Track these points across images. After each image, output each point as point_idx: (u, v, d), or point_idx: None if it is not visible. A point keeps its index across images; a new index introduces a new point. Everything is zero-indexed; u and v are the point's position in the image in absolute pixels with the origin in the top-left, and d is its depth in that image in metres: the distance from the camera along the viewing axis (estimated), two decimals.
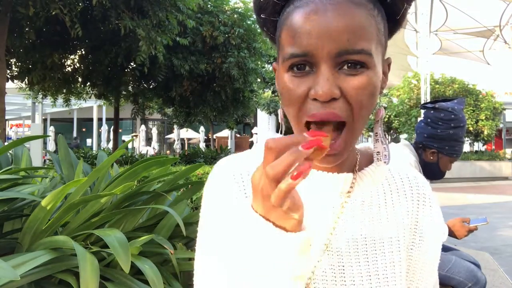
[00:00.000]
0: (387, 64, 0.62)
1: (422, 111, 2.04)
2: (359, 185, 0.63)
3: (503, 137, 25.15)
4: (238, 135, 22.77)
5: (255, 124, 21.91)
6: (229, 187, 0.62)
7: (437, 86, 17.29)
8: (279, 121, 0.63)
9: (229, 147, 16.15)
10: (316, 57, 0.52)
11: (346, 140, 0.54)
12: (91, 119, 22.79)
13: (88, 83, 8.51)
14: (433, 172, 1.94)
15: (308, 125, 0.54)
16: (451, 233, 1.99)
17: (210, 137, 19.64)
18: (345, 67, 0.52)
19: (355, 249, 0.61)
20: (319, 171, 0.62)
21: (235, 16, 9.29)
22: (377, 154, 0.64)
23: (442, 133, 1.87)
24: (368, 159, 0.67)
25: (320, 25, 0.51)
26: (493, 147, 21.72)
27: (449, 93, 17.29)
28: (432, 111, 1.92)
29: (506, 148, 22.84)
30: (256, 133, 20.38)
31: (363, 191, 0.63)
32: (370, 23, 0.53)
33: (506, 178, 16.52)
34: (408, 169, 0.70)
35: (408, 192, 0.67)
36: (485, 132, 16.94)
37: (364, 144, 0.72)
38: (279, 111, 0.62)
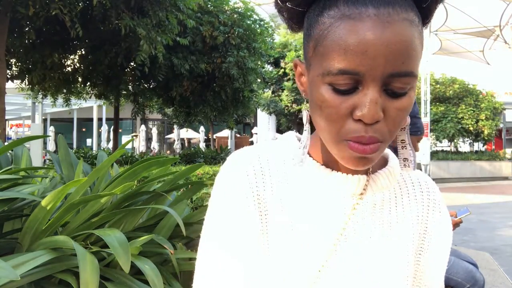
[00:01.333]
0: None
1: None
2: (372, 188, 0.63)
3: (503, 137, 25.16)
4: (238, 135, 22.78)
5: (255, 124, 21.91)
6: (242, 188, 0.60)
7: (438, 86, 17.29)
8: (304, 124, 0.61)
9: (229, 147, 16.16)
10: (366, 77, 0.49)
11: (380, 152, 0.54)
12: (91, 119, 22.79)
13: (88, 83, 8.52)
14: None
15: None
16: None
17: (210, 137, 19.64)
18: (391, 89, 0.50)
19: (364, 251, 0.61)
20: (333, 171, 0.61)
21: (235, 16, 9.30)
22: (404, 161, 0.63)
23: None
24: (382, 161, 0.67)
25: (377, 46, 0.47)
26: (493, 147, 21.71)
27: (450, 93, 17.29)
28: None
29: (506, 148, 22.84)
30: (256, 133, 20.38)
31: (375, 194, 0.63)
32: (420, 42, 0.51)
33: (506, 178, 16.53)
34: (419, 174, 0.70)
35: (419, 197, 0.67)
36: (485, 132, 16.94)
37: None
38: (304, 115, 0.60)
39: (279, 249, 0.59)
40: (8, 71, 6.94)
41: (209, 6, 9.22)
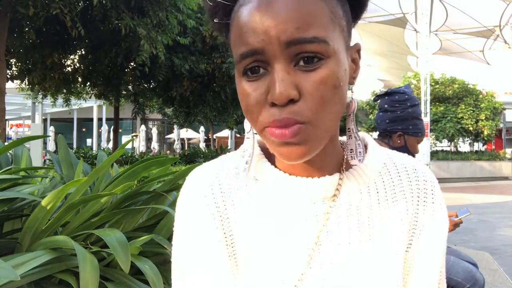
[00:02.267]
0: (355, 50, 0.56)
1: (378, 102, 2.08)
2: (346, 187, 0.57)
3: (503, 137, 25.16)
4: (238, 135, 22.79)
5: None
6: (201, 213, 0.58)
7: (437, 86, 17.29)
8: (246, 132, 0.59)
9: (229, 147, 16.16)
10: (266, 54, 0.47)
11: (308, 136, 0.48)
12: (91, 119, 22.83)
13: (88, 83, 8.52)
14: None
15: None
16: None
17: (210, 137, 19.65)
18: (301, 62, 0.47)
19: (342, 260, 0.55)
20: (297, 177, 0.56)
21: None
22: (351, 152, 0.57)
23: (403, 113, 1.94)
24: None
25: (265, 19, 0.46)
26: (493, 147, 21.72)
27: (449, 93, 17.30)
28: (386, 97, 2.01)
29: (506, 148, 22.85)
30: (256, 133, 20.36)
31: (350, 193, 0.57)
32: (320, 7, 0.47)
33: (506, 178, 16.55)
34: (408, 161, 0.62)
35: (407, 188, 0.59)
36: (485, 132, 16.94)
37: (359, 134, 0.64)
38: (246, 121, 0.57)
39: (249, 271, 0.56)
40: (8, 71, 6.94)
41: None
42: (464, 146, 19.85)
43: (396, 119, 1.96)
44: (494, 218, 7.18)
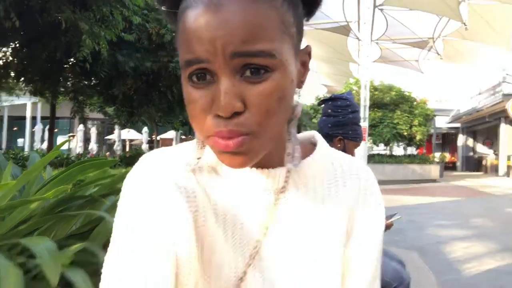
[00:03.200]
0: (305, 53, 0.56)
1: (322, 106, 2.19)
2: (294, 180, 0.58)
3: (433, 142, 27.01)
4: (183, 137, 22.44)
5: None
6: (170, 186, 0.54)
7: (376, 92, 18.16)
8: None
9: None
10: (211, 65, 0.46)
11: (252, 146, 0.48)
12: (24, 117, 21.36)
13: (22, 78, 7.97)
14: None
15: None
16: None
17: (154, 138, 19.17)
18: (248, 72, 0.47)
19: (288, 252, 0.57)
20: (252, 168, 0.57)
21: None
22: (288, 155, 0.56)
23: (344, 119, 2.04)
24: (311, 149, 0.62)
25: (211, 29, 0.45)
26: (424, 151, 23.21)
27: (387, 99, 18.23)
28: (330, 102, 2.12)
29: (435, 152, 24.57)
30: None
31: (298, 186, 0.58)
32: (270, 18, 0.46)
33: (434, 181, 17.73)
34: (352, 160, 0.65)
35: (349, 186, 0.62)
36: (418, 137, 18.03)
37: (310, 132, 0.68)
38: None
39: (205, 260, 0.55)
40: None
41: (156, 3, 9.01)
42: (398, 150, 21.02)
43: (338, 124, 2.05)
44: (423, 218, 7.65)
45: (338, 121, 2.05)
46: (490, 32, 17.83)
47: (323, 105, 2.17)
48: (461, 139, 29.28)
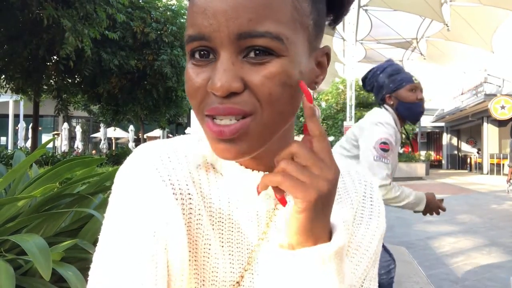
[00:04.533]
0: (322, 54, 0.52)
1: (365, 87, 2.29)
2: None
3: (418, 140, 27.44)
4: (170, 135, 22.30)
5: (188, 124, 21.61)
6: (161, 187, 0.49)
7: (362, 92, 18.36)
8: None
9: None
10: (213, 41, 0.43)
11: (251, 131, 0.44)
12: (7, 115, 20.92)
13: (3, 76, 7.79)
14: (409, 111, 2.04)
15: (209, 117, 0.45)
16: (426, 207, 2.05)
17: (140, 136, 18.99)
18: (252, 54, 0.43)
19: (285, 257, 0.50)
20: (254, 171, 0.53)
21: (168, 13, 9.11)
22: None
23: (379, 80, 2.12)
24: None
25: (217, 2, 0.42)
26: (410, 149, 23.61)
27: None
28: (366, 80, 2.22)
29: (421, 150, 24.97)
30: (190, 133, 20.09)
31: None
32: (282, 1, 0.43)
33: (420, 178, 18.02)
34: (351, 164, 0.64)
35: (355, 190, 0.60)
36: (404, 136, 18.34)
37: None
38: None
39: (199, 265, 0.51)
40: None
41: (140, 1, 8.93)
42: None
43: (379, 89, 2.11)
44: (410, 215, 7.75)
45: (377, 88, 2.12)
46: (472, 34, 18.22)
47: (366, 86, 2.27)
48: (445, 138, 29.82)
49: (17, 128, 20.14)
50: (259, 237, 0.53)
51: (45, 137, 19.84)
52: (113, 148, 20.44)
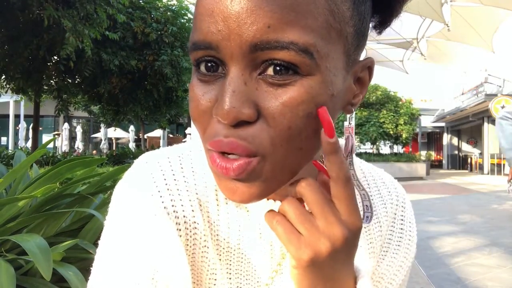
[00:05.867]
0: (363, 67, 0.41)
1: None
2: None
3: (418, 140, 27.43)
4: (170, 135, 22.31)
5: (188, 124, 21.58)
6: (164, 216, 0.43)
7: None
8: None
9: (161, 148, 15.76)
10: (223, 52, 0.34)
11: (261, 173, 0.35)
12: (7, 116, 20.95)
13: (4, 76, 7.80)
14: None
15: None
16: None
17: (141, 136, 19.00)
18: (270, 71, 0.33)
19: None
20: (270, 200, 0.47)
21: (169, 13, 9.12)
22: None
23: None
24: None
25: (227, 2, 0.32)
26: (410, 149, 23.58)
27: (373, 99, 18.45)
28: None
29: (421, 150, 24.97)
30: (190, 134, 20.11)
31: None
32: (313, 1, 0.33)
33: (421, 178, 18.01)
34: (381, 173, 0.57)
35: (381, 209, 0.54)
36: (404, 136, 18.32)
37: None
38: None
39: None
40: None
41: (140, 1, 8.94)
42: (385, 148, 21.29)
43: None
44: None
45: None
46: (472, 34, 18.19)
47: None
48: (446, 138, 29.80)
49: (17, 128, 20.18)
50: (273, 269, 0.48)
51: (45, 137, 19.85)
52: (114, 148, 20.43)
